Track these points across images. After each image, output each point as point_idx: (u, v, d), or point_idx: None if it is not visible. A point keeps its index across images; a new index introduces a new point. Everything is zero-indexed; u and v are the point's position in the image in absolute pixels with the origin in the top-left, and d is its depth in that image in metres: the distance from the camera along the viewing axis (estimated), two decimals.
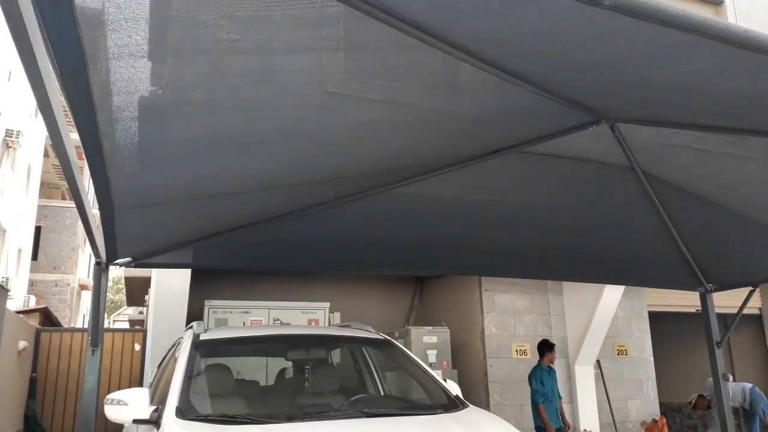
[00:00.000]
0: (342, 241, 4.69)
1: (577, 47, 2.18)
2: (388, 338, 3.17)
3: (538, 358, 5.74)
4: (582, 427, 6.11)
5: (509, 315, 6.37)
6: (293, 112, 2.45)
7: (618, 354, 6.72)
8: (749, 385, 6.08)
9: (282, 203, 3.88)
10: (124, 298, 16.07)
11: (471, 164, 3.69)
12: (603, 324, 6.20)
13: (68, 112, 1.80)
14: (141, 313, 15.69)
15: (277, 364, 3.29)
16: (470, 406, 2.66)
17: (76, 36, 1.45)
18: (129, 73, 1.66)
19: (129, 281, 9.15)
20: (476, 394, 6.03)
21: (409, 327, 5.95)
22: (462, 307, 6.63)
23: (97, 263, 3.52)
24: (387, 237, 4.63)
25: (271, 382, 3.39)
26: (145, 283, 8.08)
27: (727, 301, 6.05)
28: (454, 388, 2.78)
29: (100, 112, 1.81)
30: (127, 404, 2.28)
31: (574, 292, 6.55)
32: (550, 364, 5.34)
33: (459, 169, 3.71)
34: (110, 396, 2.38)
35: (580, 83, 2.79)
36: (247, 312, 5.65)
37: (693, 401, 6.03)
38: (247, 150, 2.54)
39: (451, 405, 2.60)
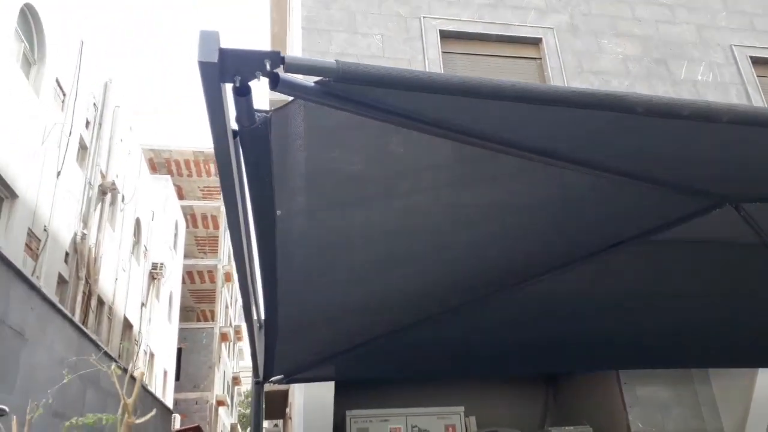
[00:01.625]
0: (471, 346, 4.80)
1: (696, 151, 2.34)
2: None
3: None
4: None
5: (655, 409, 5.98)
6: (428, 235, 2.77)
7: None
8: None
9: (414, 313, 4.13)
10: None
11: (595, 258, 3.78)
12: (764, 412, 5.64)
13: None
14: (276, 425, 16.10)
15: None
16: None
17: (271, 194, 1.88)
18: (302, 220, 2.07)
19: (268, 396, 9.61)
20: None
21: (549, 428, 5.75)
22: (602, 403, 6.32)
23: (256, 382, 3.89)
24: (515, 338, 4.70)
25: None
26: (283, 396, 8.47)
27: None
28: None
29: (279, 252, 2.20)
30: None
31: (724, 379, 6.06)
32: None
33: (583, 263, 3.81)
34: None
35: (699, 174, 2.89)
36: (386, 420, 5.76)
37: None
38: (389, 271, 2.86)
39: None
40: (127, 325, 16.47)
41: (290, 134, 1.72)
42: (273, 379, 4.14)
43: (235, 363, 36.88)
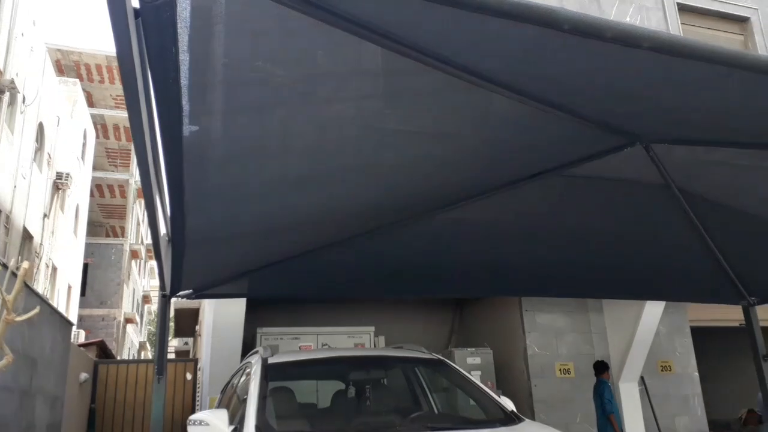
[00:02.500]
0: (386, 268, 4.87)
1: (614, 80, 2.36)
2: (442, 358, 3.32)
3: (593, 375, 5.92)
4: None
5: (551, 335, 6.42)
6: (351, 152, 2.69)
7: (662, 370, 6.68)
8: None
9: (330, 233, 4.10)
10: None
11: (511, 188, 3.86)
12: (645, 341, 6.20)
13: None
14: (186, 344, 16.04)
15: (333, 386, 3.46)
16: (526, 420, 2.78)
17: (178, 93, 1.71)
18: (215, 126, 1.92)
19: (178, 313, 9.47)
20: (522, 414, 6.04)
21: (453, 348, 6.05)
22: (503, 328, 6.70)
23: (163, 296, 3.75)
24: (430, 262, 4.80)
25: (332, 403, 3.55)
26: (193, 314, 8.38)
27: None
28: (508, 404, 2.91)
29: (187, 159, 2.05)
30: (208, 424, 2.46)
31: (614, 310, 6.58)
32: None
33: (499, 193, 3.88)
34: (192, 417, 2.58)
35: (616, 110, 2.96)
36: (296, 338, 5.85)
37: (743, 416, 5.93)
38: (308, 188, 2.78)
39: (508, 420, 2.72)
40: (27, 236, 15.52)
41: (202, 19, 1.54)
42: (181, 293, 4.02)
43: (147, 281, 36.07)
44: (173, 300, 3.98)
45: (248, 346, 5.38)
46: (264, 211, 2.97)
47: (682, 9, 6.34)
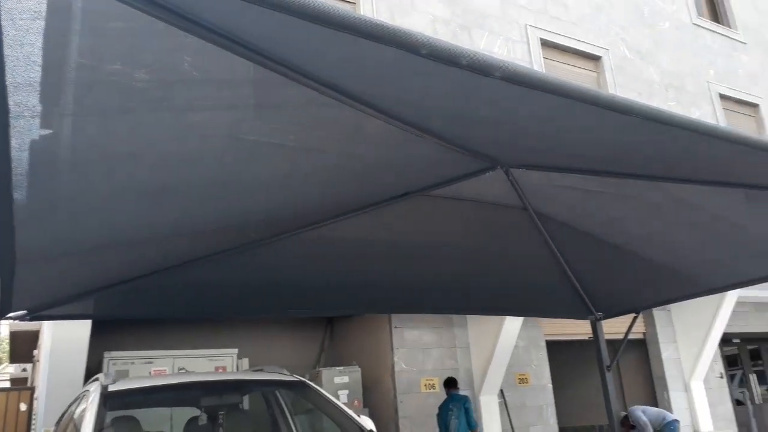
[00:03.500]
0: (252, 287, 4.68)
1: (474, 106, 2.44)
2: (303, 379, 3.22)
3: (448, 389, 6.09)
4: None
5: (418, 350, 6.55)
6: (213, 163, 2.54)
7: (519, 383, 7.07)
8: (671, 417, 6.50)
9: (190, 249, 3.85)
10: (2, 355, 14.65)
11: (379, 207, 3.88)
12: (505, 354, 6.52)
13: None
14: (24, 370, 14.38)
15: (188, 413, 3.22)
16: None
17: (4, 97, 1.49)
18: (65, 130, 1.70)
19: (14, 336, 8.43)
20: (387, 430, 6.10)
21: (320, 369, 5.94)
22: (373, 346, 6.73)
23: None
24: (299, 280, 4.68)
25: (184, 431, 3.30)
26: (32, 337, 7.50)
27: (616, 327, 6.60)
28: (367, 423, 2.88)
29: (15, 164, 1.81)
30: None
31: (478, 325, 6.86)
32: None
33: (368, 211, 3.88)
34: None
35: (477, 135, 3.08)
36: (149, 362, 5.41)
37: (621, 420, 6.48)
38: (164, 200, 2.57)
39: None
40: None
41: (59, 16, 1.37)
42: (12, 314, 3.56)
43: None
44: (8, 321, 3.51)
45: (93, 372, 4.86)
46: (113, 224, 2.71)
47: (545, 44, 6.87)
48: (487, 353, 6.58)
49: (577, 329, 7.25)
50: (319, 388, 3.18)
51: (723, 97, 8.63)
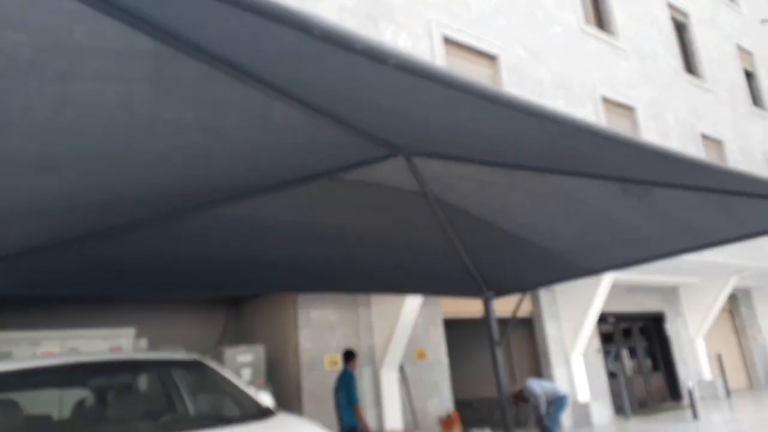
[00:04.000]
0: (150, 264, 4.55)
1: (374, 94, 2.54)
2: (198, 358, 3.22)
3: (344, 364, 6.21)
4: (387, 429, 6.61)
5: (323, 329, 6.66)
6: (99, 135, 2.46)
7: (418, 358, 7.39)
8: (562, 392, 6.87)
9: (79, 225, 3.70)
10: None
11: (283, 188, 3.91)
12: (405, 331, 6.78)
13: None
14: None
15: (76, 396, 3.12)
16: (281, 413, 2.84)
17: None
18: None
19: None
20: (292, 407, 6.18)
21: (222, 347, 5.90)
22: (278, 325, 6.75)
23: None
24: (198, 258, 4.63)
25: (70, 415, 3.18)
26: None
27: (506, 306, 7.04)
28: (266, 400, 2.94)
29: None
30: None
31: (381, 305, 7.07)
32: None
33: (272, 192, 3.90)
34: None
35: (379, 122, 3.19)
36: (37, 343, 5.10)
37: (515, 392, 6.78)
38: (41, 172, 2.47)
39: (262, 415, 2.76)
40: None
41: None
42: None
43: None
44: None
45: None
46: None
47: (447, 41, 7.08)
48: (389, 331, 6.81)
49: (472, 309, 7.66)
50: (215, 366, 3.20)
51: (605, 99, 9.33)
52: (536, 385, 6.81)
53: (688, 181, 3.66)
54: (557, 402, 6.89)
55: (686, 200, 3.98)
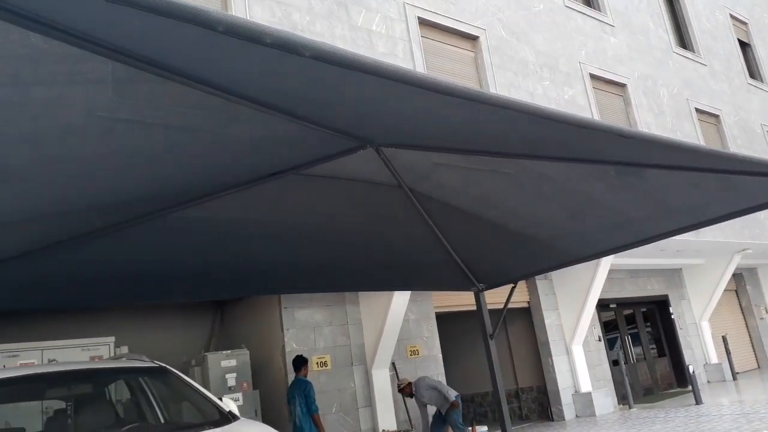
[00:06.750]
0: (123, 271, 4.47)
1: (333, 88, 2.44)
2: (163, 365, 3.14)
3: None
4: (381, 428, 6.51)
5: (309, 329, 6.56)
6: (56, 140, 2.40)
7: (411, 355, 7.28)
8: (453, 397, 6.36)
9: (46, 234, 3.62)
10: None
11: (250, 187, 3.81)
12: (394, 328, 6.67)
13: None
14: None
15: (39, 406, 3.05)
16: (241, 419, 2.77)
17: None
18: None
19: None
20: (279, 411, 6.10)
21: (206, 353, 5.82)
22: (264, 327, 6.66)
23: None
24: (169, 264, 4.53)
25: (37, 426, 3.12)
26: None
27: (501, 297, 6.92)
28: (229, 405, 2.86)
29: None
30: None
31: (369, 302, 6.96)
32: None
33: (239, 191, 3.81)
34: None
35: (342, 115, 3.09)
36: (15, 355, 5.03)
37: (402, 386, 6.38)
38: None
39: (223, 420, 2.68)
40: None
41: None
42: None
43: None
44: None
45: None
46: None
47: (422, 23, 6.92)
48: (378, 328, 6.70)
49: (466, 300, 7.55)
50: (179, 373, 3.11)
51: (593, 77, 9.15)
52: (425, 390, 6.24)
53: (669, 162, 3.55)
54: (450, 414, 6.29)
55: (669, 180, 3.86)
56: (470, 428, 6.29)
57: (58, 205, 3.27)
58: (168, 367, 3.13)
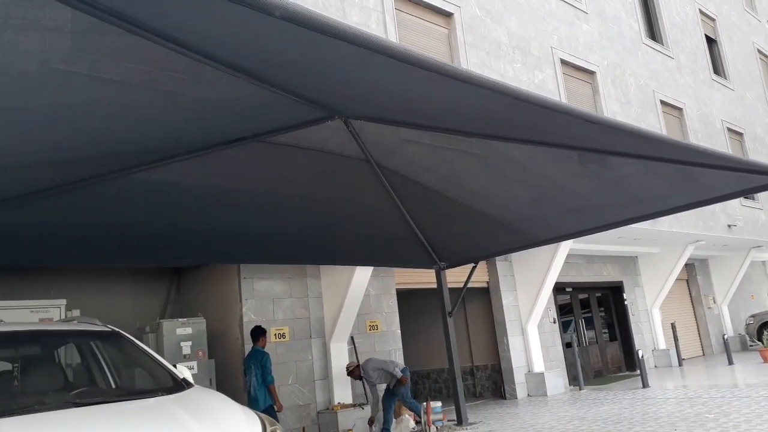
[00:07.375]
0: (74, 231, 4.32)
1: (301, 54, 2.36)
2: (116, 330, 3.05)
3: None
4: (336, 401, 6.56)
5: (268, 301, 6.51)
6: (7, 89, 2.28)
7: (370, 329, 7.31)
8: (400, 369, 6.43)
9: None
10: None
11: (213, 151, 3.71)
12: (355, 303, 6.68)
13: None
14: None
15: None
16: (195, 386, 2.72)
17: None
18: None
19: None
20: (235, 380, 6.06)
21: (161, 320, 5.72)
22: (221, 297, 6.57)
23: None
24: (127, 226, 4.40)
25: None
26: None
27: (462, 276, 6.98)
28: (183, 372, 2.81)
29: None
30: None
31: (330, 275, 6.93)
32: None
33: (201, 155, 3.70)
34: None
35: (312, 83, 3.01)
36: None
37: (351, 367, 6.43)
38: None
39: (176, 387, 2.63)
40: None
41: None
42: None
43: None
44: None
45: None
46: None
47: None
48: (338, 302, 6.69)
49: (427, 278, 7.59)
50: (132, 338, 3.04)
51: (564, 62, 9.19)
52: (372, 370, 6.33)
53: (632, 150, 3.59)
54: (403, 396, 6.37)
55: (632, 169, 3.92)
56: (424, 404, 6.38)
57: (12, 157, 3.13)
58: (121, 331, 3.04)
